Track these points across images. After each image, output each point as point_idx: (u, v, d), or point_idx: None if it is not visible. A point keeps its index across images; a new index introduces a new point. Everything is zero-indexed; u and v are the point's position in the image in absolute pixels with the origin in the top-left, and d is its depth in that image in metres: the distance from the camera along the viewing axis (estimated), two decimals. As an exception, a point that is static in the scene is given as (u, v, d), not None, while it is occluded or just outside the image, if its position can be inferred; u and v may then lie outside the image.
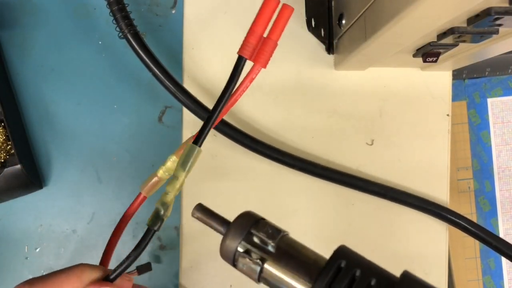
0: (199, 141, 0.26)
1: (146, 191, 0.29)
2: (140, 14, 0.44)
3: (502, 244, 0.39)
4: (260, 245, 0.20)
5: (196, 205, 0.23)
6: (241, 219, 0.21)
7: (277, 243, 0.20)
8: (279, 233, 0.21)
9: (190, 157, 0.26)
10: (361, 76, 0.42)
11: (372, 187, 0.40)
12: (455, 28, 0.28)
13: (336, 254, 0.19)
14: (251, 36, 0.25)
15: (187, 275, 0.41)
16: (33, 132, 0.43)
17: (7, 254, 0.42)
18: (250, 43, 0.25)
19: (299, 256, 0.20)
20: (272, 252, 0.20)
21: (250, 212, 0.22)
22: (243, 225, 0.21)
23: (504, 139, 0.49)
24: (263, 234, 0.20)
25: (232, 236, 0.21)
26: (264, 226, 0.21)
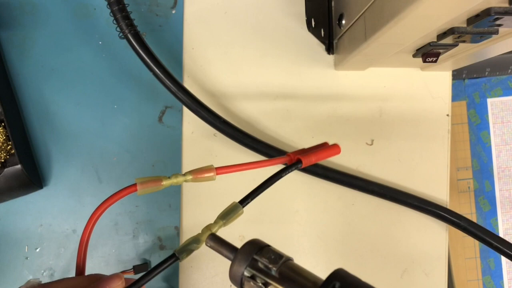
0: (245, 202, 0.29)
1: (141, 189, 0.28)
2: (140, 14, 0.44)
3: (502, 243, 0.39)
4: (264, 270, 0.22)
5: (209, 235, 0.26)
6: (247, 246, 0.24)
7: (279, 268, 0.22)
8: (281, 258, 0.23)
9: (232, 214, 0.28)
10: (361, 76, 0.43)
11: (372, 187, 0.40)
12: (455, 28, 0.28)
13: (331, 276, 0.21)
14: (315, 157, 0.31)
15: (187, 275, 0.41)
16: (33, 132, 0.43)
17: (8, 254, 0.42)
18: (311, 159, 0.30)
19: (299, 279, 0.22)
20: (275, 276, 0.22)
21: (256, 240, 0.24)
22: (248, 252, 0.23)
23: (504, 139, 0.49)
24: (266, 260, 0.22)
25: (239, 262, 0.23)
26: (268, 252, 0.23)
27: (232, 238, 0.42)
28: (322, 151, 0.31)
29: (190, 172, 0.28)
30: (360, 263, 0.42)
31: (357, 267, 0.42)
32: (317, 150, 0.31)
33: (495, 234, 0.40)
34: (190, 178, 0.28)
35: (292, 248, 0.41)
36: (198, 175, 0.28)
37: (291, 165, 0.30)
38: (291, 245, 0.41)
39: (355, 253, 0.42)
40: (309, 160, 0.30)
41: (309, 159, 0.30)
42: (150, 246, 0.43)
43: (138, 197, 0.43)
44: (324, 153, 0.31)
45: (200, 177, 0.29)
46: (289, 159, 0.31)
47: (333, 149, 0.31)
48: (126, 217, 0.43)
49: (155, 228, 0.44)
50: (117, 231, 0.43)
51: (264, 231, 0.41)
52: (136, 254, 0.43)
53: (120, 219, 0.43)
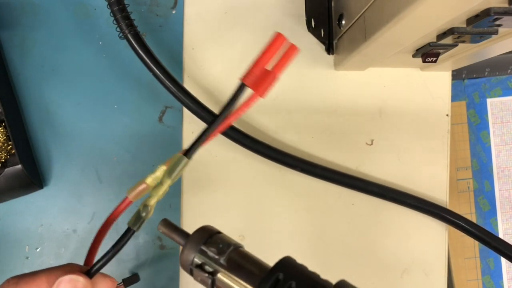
0: (188, 154, 0.27)
1: (132, 196, 0.29)
2: (141, 15, 0.44)
3: (501, 244, 0.39)
4: (213, 258, 0.22)
5: (161, 220, 0.26)
6: (196, 234, 0.24)
7: (228, 256, 0.22)
8: (229, 246, 0.23)
9: (177, 166, 0.27)
10: (361, 76, 0.43)
11: (371, 188, 0.40)
12: (455, 28, 0.28)
13: (275, 266, 0.21)
14: (256, 67, 0.26)
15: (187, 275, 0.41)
16: (34, 132, 0.43)
17: (8, 254, 0.42)
18: (254, 73, 0.26)
19: (247, 267, 0.22)
20: (224, 264, 0.22)
21: (206, 227, 0.24)
22: (198, 240, 0.23)
23: (503, 139, 0.49)
24: (214, 248, 0.23)
25: (188, 250, 0.23)
26: (216, 241, 0.23)
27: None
28: (260, 54, 0.25)
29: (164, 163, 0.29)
30: (360, 263, 0.42)
31: (357, 267, 0.42)
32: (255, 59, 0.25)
33: (494, 234, 0.40)
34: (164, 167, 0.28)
35: (292, 248, 0.41)
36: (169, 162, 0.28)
37: (234, 94, 0.25)
38: (291, 245, 0.41)
39: (355, 253, 0.42)
40: (253, 75, 0.25)
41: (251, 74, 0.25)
42: (150, 246, 0.43)
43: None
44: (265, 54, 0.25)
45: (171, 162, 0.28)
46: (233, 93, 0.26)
47: (272, 42, 0.25)
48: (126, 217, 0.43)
49: (155, 228, 0.43)
50: (117, 231, 0.43)
51: (264, 231, 0.41)
52: (136, 254, 0.43)
53: (120, 219, 0.43)
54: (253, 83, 0.26)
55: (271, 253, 0.25)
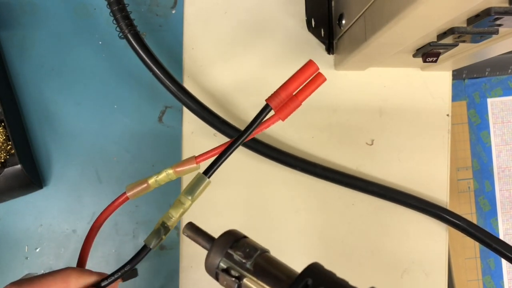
0: (209, 173, 0.27)
1: (132, 194, 0.29)
2: (140, 14, 0.44)
3: (502, 245, 0.39)
4: (239, 262, 0.22)
5: (186, 224, 0.25)
6: (222, 238, 0.23)
7: (254, 261, 0.22)
8: (256, 251, 0.22)
9: (197, 186, 0.27)
10: (361, 76, 0.43)
11: (371, 188, 0.40)
12: (455, 28, 0.28)
13: (304, 272, 0.21)
14: (283, 90, 0.26)
15: (187, 275, 0.41)
16: (33, 132, 0.43)
17: (8, 254, 0.42)
18: (280, 96, 0.26)
19: (274, 272, 0.22)
20: (250, 269, 0.22)
21: (232, 231, 0.24)
22: (224, 244, 0.23)
23: (504, 139, 0.49)
24: (240, 253, 0.22)
25: (214, 254, 0.23)
26: (243, 245, 0.23)
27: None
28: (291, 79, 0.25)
29: (171, 167, 0.28)
30: (360, 263, 0.42)
31: (357, 267, 0.42)
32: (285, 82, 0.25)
33: (495, 235, 0.40)
34: (171, 172, 0.28)
35: (292, 248, 0.41)
36: (179, 168, 0.28)
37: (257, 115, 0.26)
38: (291, 245, 0.41)
39: (355, 253, 0.42)
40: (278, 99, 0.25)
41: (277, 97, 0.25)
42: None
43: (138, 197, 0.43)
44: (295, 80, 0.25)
45: (181, 169, 0.28)
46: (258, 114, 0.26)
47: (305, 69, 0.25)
48: (126, 217, 0.43)
49: (155, 228, 0.44)
50: (117, 231, 0.43)
51: (265, 231, 0.41)
52: (136, 254, 0.43)
53: (120, 219, 0.43)
54: (277, 106, 0.26)
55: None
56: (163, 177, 0.28)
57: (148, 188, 0.29)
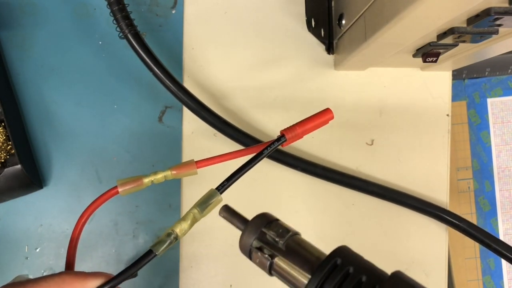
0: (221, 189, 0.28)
1: (123, 189, 0.28)
2: (140, 14, 0.44)
3: (502, 246, 0.39)
4: (271, 243, 0.23)
5: (223, 206, 0.26)
6: (257, 219, 0.25)
7: (286, 241, 0.23)
8: (288, 232, 0.24)
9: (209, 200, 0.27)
10: (361, 76, 0.43)
11: (371, 188, 0.40)
12: (455, 28, 0.28)
13: (334, 252, 0.22)
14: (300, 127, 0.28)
15: (187, 275, 0.41)
16: (33, 132, 0.43)
17: (8, 254, 0.42)
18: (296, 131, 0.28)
19: (304, 253, 0.23)
20: (282, 249, 0.23)
21: (266, 213, 0.25)
22: (258, 225, 0.24)
23: (504, 139, 0.49)
24: (273, 233, 0.23)
25: (248, 234, 0.24)
26: (276, 226, 0.24)
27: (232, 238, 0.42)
28: (309, 120, 0.27)
29: (171, 168, 0.28)
30: (360, 263, 0.42)
31: (357, 267, 0.42)
32: (304, 122, 0.27)
33: (495, 236, 0.39)
34: (170, 173, 0.28)
35: (292, 248, 0.41)
36: (179, 170, 0.28)
37: (273, 142, 0.27)
38: (291, 245, 0.41)
39: (355, 253, 0.42)
40: (294, 133, 0.27)
41: (294, 131, 0.27)
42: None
43: (138, 197, 0.43)
44: (312, 121, 0.27)
45: (180, 172, 0.28)
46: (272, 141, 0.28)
47: (322, 115, 0.27)
48: (126, 217, 0.43)
49: (155, 228, 0.44)
50: (117, 231, 0.43)
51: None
52: (136, 254, 0.43)
53: (120, 219, 0.43)
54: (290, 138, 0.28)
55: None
56: (160, 178, 0.28)
57: (141, 187, 0.28)
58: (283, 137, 0.27)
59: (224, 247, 0.40)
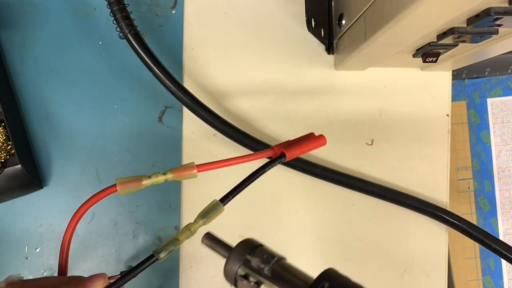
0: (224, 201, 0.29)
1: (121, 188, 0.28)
2: (140, 14, 0.44)
3: (502, 246, 0.39)
4: (257, 269, 0.23)
5: (205, 234, 0.26)
6: (241, 245, 0.24)
7: (271, 267, 0.23)
8: (273, 258, 0.23)
9: (212, 211, 0.28)
10: (361, 76, 0.43)
11: (371, 188, 0.40)
12: (455, 28, 0.28)
13: (321, 276, 0.21)
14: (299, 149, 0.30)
15: (187, 275, 0.41)
16: (33, 132, 0.43)
17: (8, 254, 0.42)
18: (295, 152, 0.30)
19: (290, 278, 0.22)
20: (268, 275, 0.23)
21: (250, 239, 0.25)
22: (242, 252, 0.24)
23: (503, 139, 0.49)
24: (258, 259, 0.23)
25: (232, 261, 0.24)
26: (260, 252, 0.24)
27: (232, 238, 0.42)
28: (306, 143, 0.30)
29: (171, 171, 0.28)
30: (360, 263, 0.42)
31: (357, 267, 0.42)
32: (301, 143, 0.30)
33: (494, 236, 0.40)
34: (171, 176, 0.28)
35: (292, 248, 0.41)
36: (179, 173, 0.28)
37: (274, 160, 0.29)
38: (291, 245, 0.41)
39: (355, 253, 0.42)
40: (293, 153, 0.29)
41: (293, 152, 0.29)
42: (150, 246, 0.43)
43: (138, 197, 0.43)
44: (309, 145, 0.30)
45: (181, 175, 0.28)
46: (273, 152, 0.30)
47: (318, 140, 0.31)
48: (126, 217, 0.43)
49: (155, 228, 0.44)
50: (117, 231, 0.43)
51: (264, 231, 0.41)
52: (136, 254, 0.43)
53: (120, 219, 0.43)
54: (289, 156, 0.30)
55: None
56: (160, 180, 0.28)
57: (139, 187, 0.28)
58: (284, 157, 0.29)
59: (224, 247, 0.41)
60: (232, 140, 0.39)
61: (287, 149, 0.29)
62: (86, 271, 0.43)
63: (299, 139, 0.30)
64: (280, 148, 0.30)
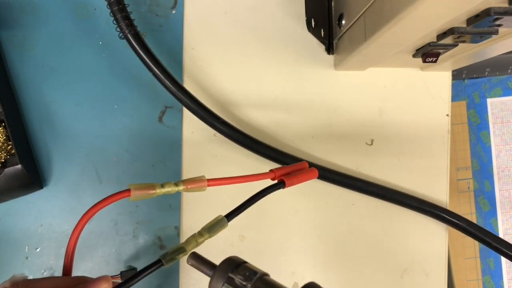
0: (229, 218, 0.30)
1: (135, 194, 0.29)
2: (140, 15, 0.44)
3: (501, 243, 0.39)
4: (240, 286, 0.23)
5: (190, 254, 0.27)
6: (223, 264, 0.25)
7: (254, 284, 0.23)
8: (256, 274, 0.24)
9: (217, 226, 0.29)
10: (361, 76, 0.43)
11: (371, 188, 0.40)
12: (455, 28, 0.28)
13: None
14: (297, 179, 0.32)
15: (187, 275, 0.41)
16: (34, 132, 0.43)
17: (8, 254, 0.42)
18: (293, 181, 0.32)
19: None
20: None
21: (233, 257, 0.26)
22: (225, 270, 0.24)
23: (503, 139, 0.49)
24: (241, 277, 0.24)
25: (216, 280, 0.24)
26: (243, 269, 0.24)
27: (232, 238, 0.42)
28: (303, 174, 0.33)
29: (183, 182, 0.30)
30: (360, 263, 0.42)
31: (357, 267, 0.42)
32: (299, 173, 0.33)
33: (494, 234, 0.40)
34: (182, 188, 0.29)
35: (292, 248, 0.41)
36: (190, 185, 0.30)
37: (275, 185, 0.32)
38: (291, 245, 0.41)
39: (355, 253, 0.42)
40: (292, 182, 0.32)
41: (292, 181, 0.32)
42: (150, 246, 0.43)
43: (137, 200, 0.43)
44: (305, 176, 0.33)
45: (191, 187, 0.30)
46: (273, 175, 0.33)
47: (312, 173, 0.34)
48: (126, 217, 0.43)
49: (155, 228, 0.44)
50: (117, 231, 0.43)
51: (264, 231, 0.41)
52: (136, 254, 0.43)
53: (120, 219, 0.43)
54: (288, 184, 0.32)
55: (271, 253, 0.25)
56: (172, 191, 0.29)
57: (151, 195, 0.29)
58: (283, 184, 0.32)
59: (224, 247, 0.41)
60: (231, 140, 0.39)
61: (286, 177, 0.32)
62: (86, 271, 0.43)
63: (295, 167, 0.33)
64: (280, 174, 0.32)
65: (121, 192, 0.29)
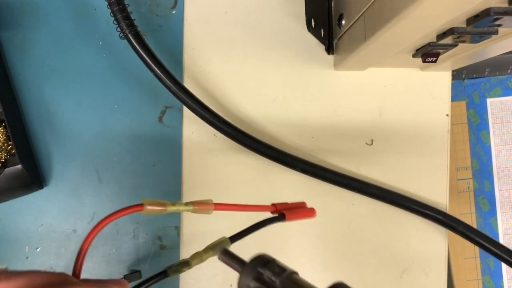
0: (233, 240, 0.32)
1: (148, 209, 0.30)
2: (141, 15, 0.44)
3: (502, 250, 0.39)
4: (269, 282, 0.24)
5: (222, 250, 0.28)
6: (254, 260, 0.25)
7: (283, 280, 0.23)
8: (285, 271, 0.24)
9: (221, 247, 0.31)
10: (361, 76, 0.43)
11: (371, 190, 0.40)
12: (455, 28, 0.28)
13: None
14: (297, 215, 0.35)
15: (187, 275, 0.41)
16: (34, 132, 0.43)
17: (8, 254, 0.42)
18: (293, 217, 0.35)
19: None
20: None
21: (263, 254, 0.26)
22: (254, 265, 0.25)
23: (503, 139, 0.49)
24: (270, 273, 0.24)
25: (245, 275, 0.24)
26: (273, 266, 0.24)
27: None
28: (302, 212, 0.36)
29: (192, 203, 0.31)
30: (359, 263, 0.42)
31: (356, 267, 0.42)
32: (298, 210, 0.36)
33: (494, 239, 0.39)
34: (191, 208, 0.31)
35: (292, 248, 0.41)
36: (198, 207, 0.32)
37: (277, 218, 0.34)
38: (292, 245, 0.42)
39: (354, 253, 0.42)
40: (291, 217, 0.35)
41: (291, 216, 0.35)
42: (150, 246, 0.43)
43: (138, 197, 0.43)
44: (304, 214, 0.36)
45: (199, 209, 0.32)
46: (274, 208, 0.35)
47: (311, 212, 0.37)
48: (126, 217, 0.43)
49: (155, 228, 0.44)
50: (117, 231, 0.43)
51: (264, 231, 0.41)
52: (136, 254, 0.43)
53: (120, 219, 0.43)
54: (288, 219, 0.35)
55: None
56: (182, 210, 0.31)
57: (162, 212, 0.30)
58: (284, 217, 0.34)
59: (224, 247, 0.41)
60: (232, 140, 0.39)
61: (287, 212, 0.34)
62: (86, 271, 0.43)
63: (295, 205, 0.36)
64: (281, 209, 0.35)
65: (134, 206, 0.30)
